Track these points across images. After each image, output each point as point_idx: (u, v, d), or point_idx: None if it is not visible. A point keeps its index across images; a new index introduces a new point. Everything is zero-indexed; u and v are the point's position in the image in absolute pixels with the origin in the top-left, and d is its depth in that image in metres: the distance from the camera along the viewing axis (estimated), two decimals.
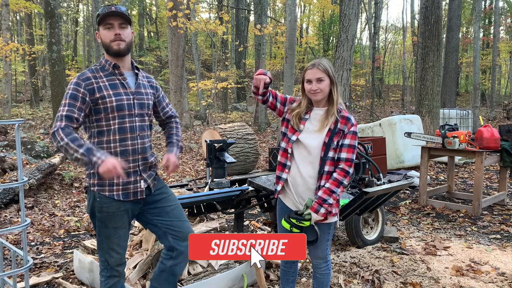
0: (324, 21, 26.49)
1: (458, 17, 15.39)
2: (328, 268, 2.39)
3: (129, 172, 2.13)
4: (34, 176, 5.87)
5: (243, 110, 20.48)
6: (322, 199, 2.18)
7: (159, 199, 2.26)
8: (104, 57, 2.18)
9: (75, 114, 2.01)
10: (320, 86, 2.24)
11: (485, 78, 25.85)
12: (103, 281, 2.21)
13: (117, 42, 2.09)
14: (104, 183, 2.10)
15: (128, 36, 2.13)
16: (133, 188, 2.14)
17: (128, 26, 2.15)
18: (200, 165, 8.55)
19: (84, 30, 25.28)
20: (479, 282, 3.21)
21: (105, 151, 2.04)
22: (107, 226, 2.13)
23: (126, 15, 2.12)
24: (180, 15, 10.25)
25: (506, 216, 5.11)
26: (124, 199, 2.12)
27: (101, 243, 2.17)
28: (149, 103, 2.23)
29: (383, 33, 33.75)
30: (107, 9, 2.09)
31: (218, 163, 3.77)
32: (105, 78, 2.11)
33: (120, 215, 2.14)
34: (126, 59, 2.19)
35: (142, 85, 2.23)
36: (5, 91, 13.41)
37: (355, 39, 8.08)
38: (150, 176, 2.22)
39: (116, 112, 2.08)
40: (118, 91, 2.11)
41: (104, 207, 2.10)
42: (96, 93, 2.06)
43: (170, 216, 2.24)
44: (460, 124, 10.76)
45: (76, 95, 2.03)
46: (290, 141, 2.30)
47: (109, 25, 2.09)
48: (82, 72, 2.12)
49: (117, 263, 2.19)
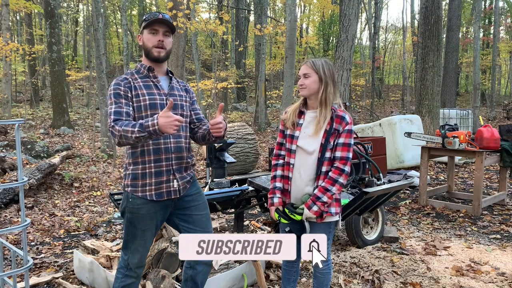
0: (324, 21, 26.49)
1: (458, 17, 15.39)
2: (329, 268, 2.39)
3: (162, 171, 2.14)
4: (34, 176, 5.87)
5: (243, 110, 20.48)
6: (316, 196, 2.21)
7: (189, 206, 2.25)
8: (140, 63, 2.25)
9: (123, 108, 2.07)
10: (305, 81, 2.27)
11: (485, 78, 25.85)
12: (120, 277, 2.23)
13: (158, 50, 2.16)
14: (136, 184, 2.13)
15: (169, 45, 2.21)
16: (166, 188, 2.15)
17: (171, 35, 2.22)
18: (200, 165, 8.55)
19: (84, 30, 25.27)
20: (479, 282, 3.21)
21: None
22: (136, 227, 2.16)
23: (172, 24, 2.18)
24: (180, 15, 10.25)
25: (506, 216, 5.11)
26: (157, 199, 2.14)
27: (126, 243, 2.21)
28: (182, 104, 2.25)
29: (383, 33, 33.78)
30: (155, 16, 2.16)
31: (218, 163, 3.77)
32: (140, 80, 2.18)
33: (150, 217, 2.16)
34: (163, 65, 2.26)
35: (175, 88, 2.27)
36: (5, 91, 13.41)
37: (355, 39, 8.08)
38: (183, 178, 2.22)
39: (149, 110, 2.11)
40: (152, 91, 2.17)
41: (135, 208, 2.13)
42: (133, 91, 2.13)
43: (196, 224, 2.25)
44: (460, 124, 10.76)
45: (119, 93, 2.10)
46: (291, 151, 2.32)
47: (154, 31, 2.16)
48: (120, 76, 2.20)
49: (137, 264, 2.22)
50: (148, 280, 2.83)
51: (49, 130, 12.29)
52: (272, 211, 2.37)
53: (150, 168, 2.12)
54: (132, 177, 2.14)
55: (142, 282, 2.87)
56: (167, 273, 2.83)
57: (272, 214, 2.37)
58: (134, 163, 2.14)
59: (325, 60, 2.31)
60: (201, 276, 2.29)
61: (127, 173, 2.17)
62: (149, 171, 2.13)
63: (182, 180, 2.21)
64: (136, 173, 2.14)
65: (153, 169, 2.13)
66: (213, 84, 12.31)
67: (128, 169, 2.17)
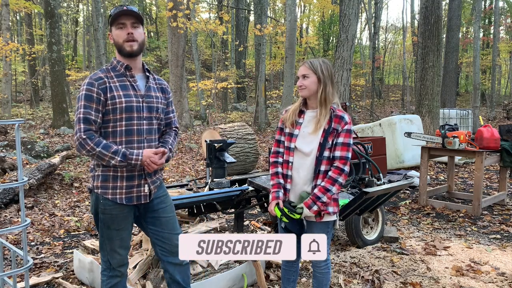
0: (324, 21, 26.49)
1: (458, 17, 15.39)
2: (328, 267, 2.40)
3: (134, 175, 2.11)
4: (34, 176, 5.87)
5: (243, 110, 20.48)
6: (316, 196, 2.21)
7: (157, 209, 2.22)
8: (115, 57, 2.17)
9: (92, 116, 2.01)
10: (304, 82, 2.28)
11: (485, 78, 25.85)
12: (105, 280, 2.21)
13: (130, 43, 2.08)
14: (107, 186, 2.09)
15: (140, 36, 2.12)
16: (137, 192, 2.12)
17: (140, 25, 2.14)
18: (200, 165, 8.55)
19: (84, 30, 25.29)
20: (479, 282, 3.21)
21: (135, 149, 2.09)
22: (110, 228, 2.13)
23: (138, 14, 2.11)
24: (180, 15, 10.26)
25: (506, 216, 5.11)
26: (127, 203, 2.11)
27: (103, 244, 2.17)
28: (158, 107, 2.19)
29: (383, 33, 33.77)
30: (119, 9, 2.09)
31: (218, 163, 3.77)
32: (116, 79, 2.10)
33: (123, 217, 2.13)
34: (138, 60, 2.18)
35: (152, 88, 2.20)
36: (5, 91, 13.41)
37: (355, 39, 8.08)
38: (154, 182, 2.19)
39: (124, 113, 2.06)
40: (128, 92, 2.09)
41: (107, 209, 2.10)
42: (107, 93, 2.05)
43: (163, 227, 2.21)
44: (460, 124, 10.76)
45: (91, 96, 2.02)
46: (290, 149, 2.32)
47: (121, 25, 2.09)
48: (95, 72, 2.13)
49: (119, 264, 2.19)
50: (148, 280, 2.83)
51: (49, 130, 12.28)
52: (273, 205, 2.34)
53: (122, 172, 2.08)
54: (102, 179, 2.09)
55: (142, 282, 2.87)
56: None
57: (271, 208, 2.34)
58: (103, 165, 2.07)
59: (323, 60, 2.32)
60: (179, 275, 2.25)
61: (96, 174, 2.11)
62: (120, 174, 2.08)
63: (153, 184, 2.18)
64: (107, 175, 2.09)
65: (125, 173, 2.09)
66: (213, 84, 12.31)
67: (97, 170, 2.12)
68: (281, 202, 2.32)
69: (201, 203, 3.47)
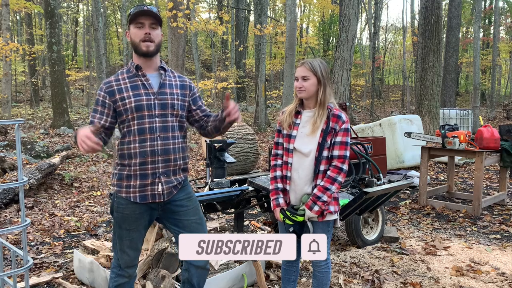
0: (324, 21, 26.49)
1: (458, 17, 15.38)
2: (328, 267, 2.40)
3: (147, 174, 2.10)
4: (34, 176, 5.87)
5: (243, 110, 20.48)
6: (316, 196, 2.21)
7: (177, 211, 2.19)
8: (131, 60, 2.20)
9: (95, 119, 2.11)
10: (304, 84, 2.26)
11: (485, 78, 25.84)
12: (113, 277, 2.23)
13: (146, 44, 2.08)
14: (121, 184, 2.12)
15: (157, 37, 2.12)
16: (150, 190, 2.11)
17: (159, 27, 2.14)
18: (200, 165, 8.55)
19: (84, 30, 25.29)
20: (479, 282, 3.21)
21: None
22: (121, 227, 2.15)
23: (158, 15, 2.11)
24: (180, 15, 10.25)
25: (506, 216, 5.11)
26: (141, 201, 2.11)
27: (114, 243, 2.20)
28: (173, 103, 2.15)
29: (383, 33, 33.77)
30: (139, 8, 2.09)
31: (218, 163, 3.77)
32: (127, 80, 2.13)
33: (135, 218, 2.14)
34: (154, 60, 2.17)
35: (168, 85, 2.18)
36: (5, 91, 13.41)
37: (355, 39, 8.08)
38: (169, 182, 2.14)
39: (135, 112, 2.07)
40: (139, 92, 2.10)
41: (120, 207, 2.12)
42: (116, 95, 2.09)
43: (186, 230, 2.20)
44: (460, 124, 10.76)
45: (98, 99, 2.13)
46: (289, 150, 2.32)
47: (140, 24, 2.08)
48: (110, 76, 2.19)
49: (127, 264, 2.20)
50: (148, 280, 2.83)
51: (49, 130, 12.28)
52: (277, 212, 2.36)
53: (135, 170, 2.09)
54: (118, 177, 2.13)
55: (142, 282, 2.87)
56: (167, 273, 2.83)
57: (277, 216, 2.36)
58: (121, 164, 2.13)
59: (320, 61, 2.32)
60: (196, 279, 2.26)
61: (115, 173, 2.16)
62: (134, 173, 2.09)
63: (167, 184, 2.13)
64: (121, 174, 2.12)
65: (138, 171, 2.09)
66: (213, 84, 12.31)
67: (116, 169, 2.16)
68: (281, 209, 2.33)
69: (201, 203, 3.46)
